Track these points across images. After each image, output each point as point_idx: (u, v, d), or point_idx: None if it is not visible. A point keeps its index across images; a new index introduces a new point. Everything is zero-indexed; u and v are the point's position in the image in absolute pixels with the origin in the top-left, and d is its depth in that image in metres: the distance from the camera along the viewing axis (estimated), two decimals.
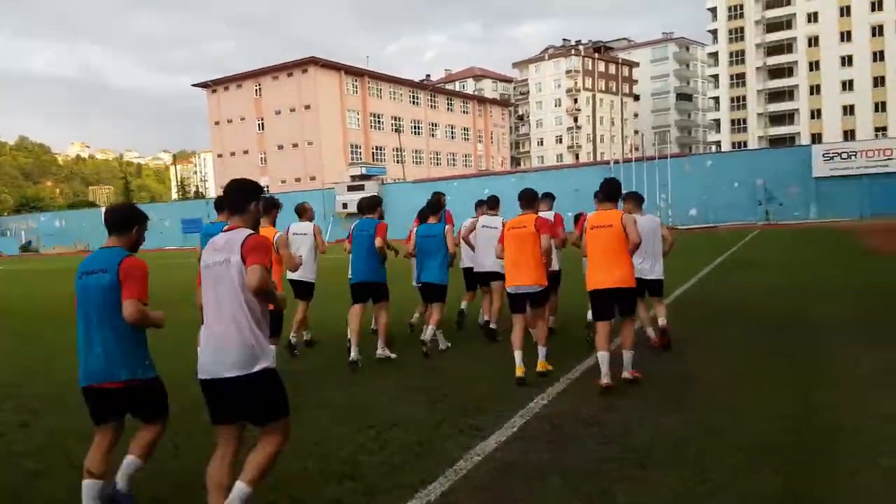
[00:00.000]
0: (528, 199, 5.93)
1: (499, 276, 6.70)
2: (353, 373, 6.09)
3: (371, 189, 47.08)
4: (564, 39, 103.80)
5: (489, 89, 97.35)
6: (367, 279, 6.50)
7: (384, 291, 6.56)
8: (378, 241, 6.36)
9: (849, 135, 66.09)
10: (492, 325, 7.30)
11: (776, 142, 72.71)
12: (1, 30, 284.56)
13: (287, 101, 61.65)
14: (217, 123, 67.58)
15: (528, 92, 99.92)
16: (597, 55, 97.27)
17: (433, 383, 5.57)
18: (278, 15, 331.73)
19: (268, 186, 63.35)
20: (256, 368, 2.87)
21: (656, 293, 6.55)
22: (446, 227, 7.01)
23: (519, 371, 5.46)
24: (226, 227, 3.09)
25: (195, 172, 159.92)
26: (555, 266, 6.83)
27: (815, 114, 72.45)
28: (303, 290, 7.13)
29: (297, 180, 61.04)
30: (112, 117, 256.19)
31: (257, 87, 64.38)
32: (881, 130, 65.81)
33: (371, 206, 6.77)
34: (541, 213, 6.21)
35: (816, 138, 66.94)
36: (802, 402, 4.59)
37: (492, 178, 46.25)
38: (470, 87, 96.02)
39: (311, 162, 60.64)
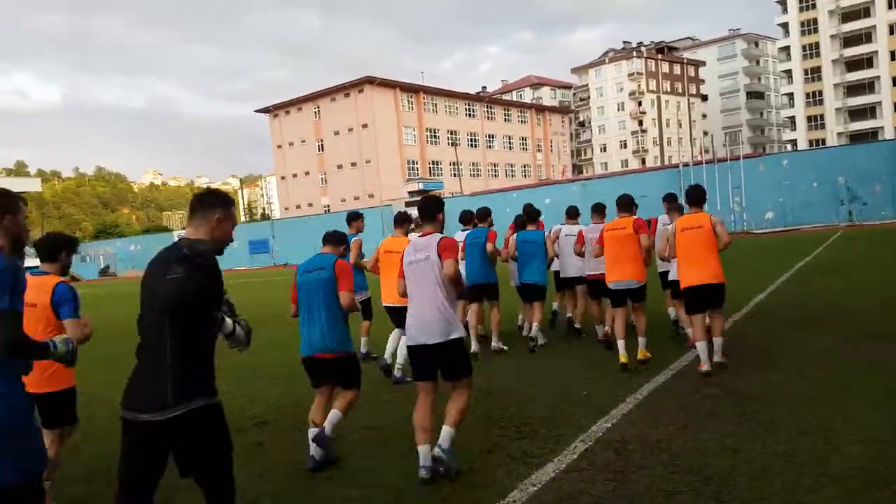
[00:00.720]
0: (626, 204, 6.57)
1: (582, 281, 7.60)
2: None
3: None
4: (625, 42, 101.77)
5: (547, 97, 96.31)
6: (482, 280, 7.23)
7: (496, 291, 7.40)
8: (490, 247, 7.12)
9: None
10: (576, 325, 8.00)
11: (857, 137, 68.51)
12: (76, 68, 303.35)
13: (345, 121, 62.80)
14: (279, 147, 69.56)
15: (589, 97, 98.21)
16: (660, 56, 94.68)
17: (488, 402, 5.23)
18: (329, 39, 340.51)
19: (328, 206, 64.73)
20: (451, 337, 3.81)
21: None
22: (544, 233, 7.77)
23: (623, 358, 6.03)
24: (421, 234, 4.08)
25: (262, 195, 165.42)
26: None
27: None
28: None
29: (356, 199, 61.94)
30: (182, 146, 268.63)
31: (316, 110, 65.90)
32: None
33: (483, 216, 7.73)
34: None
35: None
36: None
37: (552, 188, 45.49)
38: (528, 96, 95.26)
39: (370, 179, 61.44)
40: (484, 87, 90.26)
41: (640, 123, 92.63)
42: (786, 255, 18.11)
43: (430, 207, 4.08)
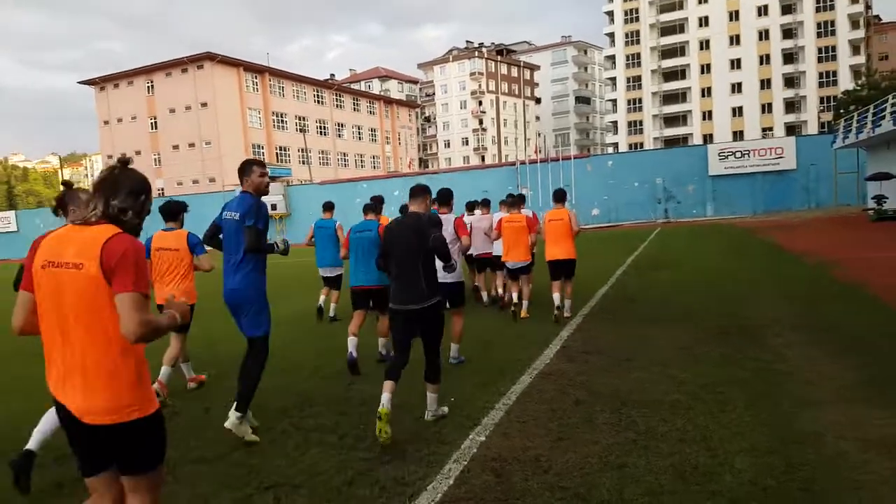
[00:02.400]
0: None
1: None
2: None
3: (276, 191, 44.95)
4: (468, 41, 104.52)
5: (395, 90, 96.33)
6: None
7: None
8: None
9: (738, 135, 70.31)
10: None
11: (670, 142, 76.27)
12: None
13: (182, 98, 57.98)
14: (106, 123, 62.68)
15: (434, 94, 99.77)
16: (499, 58, 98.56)
17: (346, 418, 4.63)
18: (169, 14, 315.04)
19: (162, 189, 59.51)
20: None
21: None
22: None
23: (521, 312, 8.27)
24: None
25: (86, 176, 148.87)
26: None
27: (707, 115, 76.54)
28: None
29: (195, 182, 57.62)
30: None
31: (149, 85, 60.19)
32: (768, 130, 70.45)
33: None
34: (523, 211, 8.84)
35: (708, 139, 70.81)
36: (787, 428, 3.94)
37: (401, 180, 45.37)
38: (376, 87, 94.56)
39: (210, 163, 57.34)
40: (332, 75, 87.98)
41: (481, 122, 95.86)
42: (616, 249, 19.34)
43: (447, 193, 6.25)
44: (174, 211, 5.74)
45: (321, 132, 68.80)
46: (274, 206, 44.54)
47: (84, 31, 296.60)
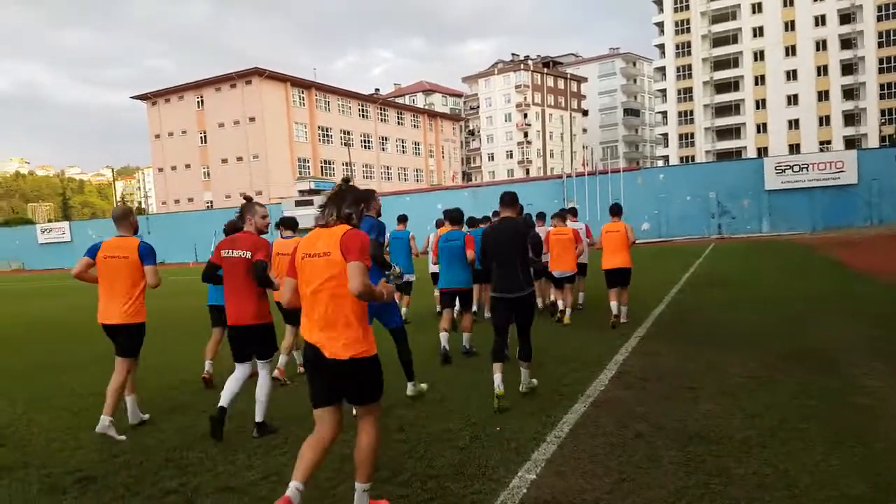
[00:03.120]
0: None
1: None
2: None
3: (321, 203, 45.38)
4: (513, 54, 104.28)
5: (439, 104, 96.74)
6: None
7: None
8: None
9: (794, 148, 67.87)
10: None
11: (723, 156, 74.11)
12: None
13: (231, 113, 59.47)
14: (157, 137, 64.80)
15: (479, 107, 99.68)
16: (545, 70, 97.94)
17: (387, 443, 4.30)
18: (219, 32, 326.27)
19: (211, 202, 60.93)
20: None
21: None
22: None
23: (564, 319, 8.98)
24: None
25: (138, 188, 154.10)
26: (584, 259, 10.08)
27: (761, 128, 74.17)
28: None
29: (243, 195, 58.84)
30: (53, 134, 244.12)
31: (199, 100, 61.94)
32: (825, 144, 67.78)
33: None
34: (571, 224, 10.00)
35: (763, 152, 68.59)
36: (882, 475, 3.41)
37: (445, 193, 45.27)
38: (420, 101, 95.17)
39: (257, 176, 58.49)
40: (377, 90, 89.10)
41: (526, 135, 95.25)
42: (670, 265, 18.62)
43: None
44: (292, 224, 7.46)
45: (365, 146, 69.49)
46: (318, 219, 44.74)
47: (136, 49, 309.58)
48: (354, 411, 3.27)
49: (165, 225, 52.22)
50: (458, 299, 7.33)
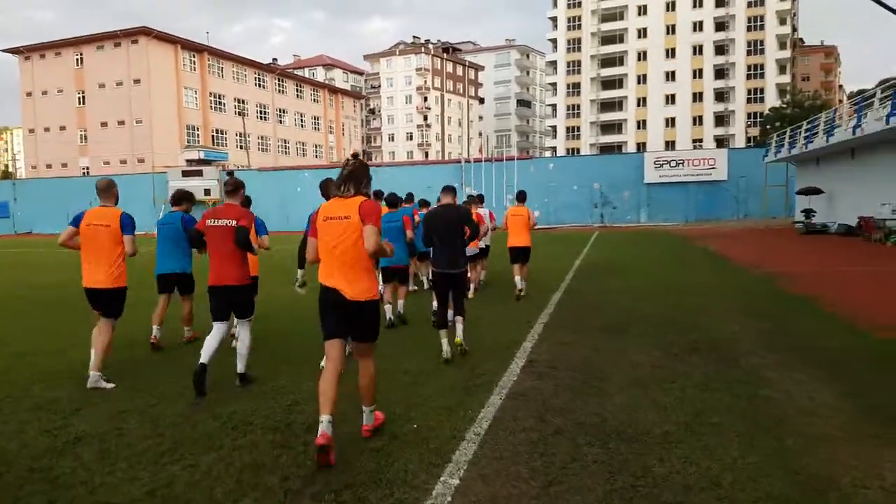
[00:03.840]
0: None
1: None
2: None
3: (210, 175, 42.87)
4: (415, 37, 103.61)
5: (340, 80, 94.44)
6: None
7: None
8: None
9: (669, 145, 72.52)
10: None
11: (605, 149, 77.87)
12: None
13: (113, 74, 54.85)
14: (29, 95, 58.66)
15: (380, 86, 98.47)
16: (445, 56, 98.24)
17: (291, 445, 3.92)
18: None
19: (87, 168, 56.09)
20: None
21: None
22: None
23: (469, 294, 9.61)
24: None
25: (6, 150, 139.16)
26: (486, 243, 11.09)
27: (641, 124, 78.60)
28: None
29: (123, 162, 54.64)
30: None
31: (78, 57, 56.56)
32: (698, 142, 72.93)
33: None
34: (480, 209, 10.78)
35: (641, 147, 72.73)
36: (800, 472, 3.47)
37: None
38: (320, 75, 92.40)
39: (140, 142, 54.42)
40: (275, 59, 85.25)
41: (426, 118, 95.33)
42: (560, 252, 19.20)
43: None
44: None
45: (261, 117, 66.57)
46: (208, 191, 42.49)
47: None
48: (349, 350, 4.24)
49: (36, 192, 47.40)
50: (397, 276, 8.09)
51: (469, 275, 9.36)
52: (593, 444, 3.88)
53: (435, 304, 6.93)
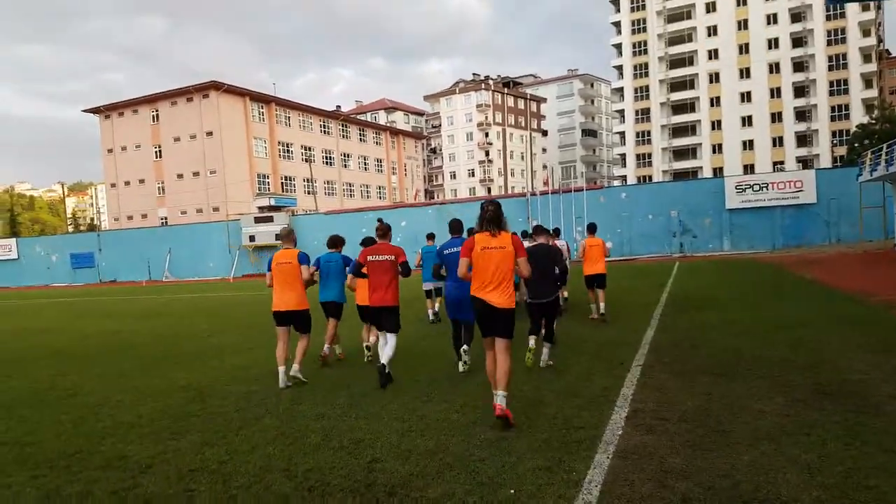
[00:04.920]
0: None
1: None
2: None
3: (280, 220, 44.03)
4: (474, 74, 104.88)
5: (401, 122, 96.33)
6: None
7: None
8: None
9: (748, 168, 69.54)
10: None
11: (679, 175, 75.46)
12: None
13: (187, 127, 57.67)
14: (110, 151, 62.41)
15: (440, 125, 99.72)
16: (506, 90, 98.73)
17: None
18: (174, 48, 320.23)
19: (166, 218, 58.80)
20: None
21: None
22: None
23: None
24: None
25: (91, 204, 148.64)
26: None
27: (717, 148, 75.84)
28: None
29: (199, 211, 56.95)
30: (3, 149, 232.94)
31: (154, 113, 59.96)
32: (779, 164, 69.61)
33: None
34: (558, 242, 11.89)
35: (718, 172, 70.04)
36: None
37: (409, 210, 44.52)
38: (382, 119, 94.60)
39: (214, 192, 56.69)
40: (338, 107, 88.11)
41: (487, 154, 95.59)
42: (643, 285, 18.17)
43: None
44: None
45: (327, 162, 68.37)
46: (278, 236, 43.42)
47: (90, 63, 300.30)
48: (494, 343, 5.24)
49: (118, 242, 49.88)
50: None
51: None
52: None
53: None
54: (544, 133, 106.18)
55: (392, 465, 4.23)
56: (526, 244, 10.32)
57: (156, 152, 60.20)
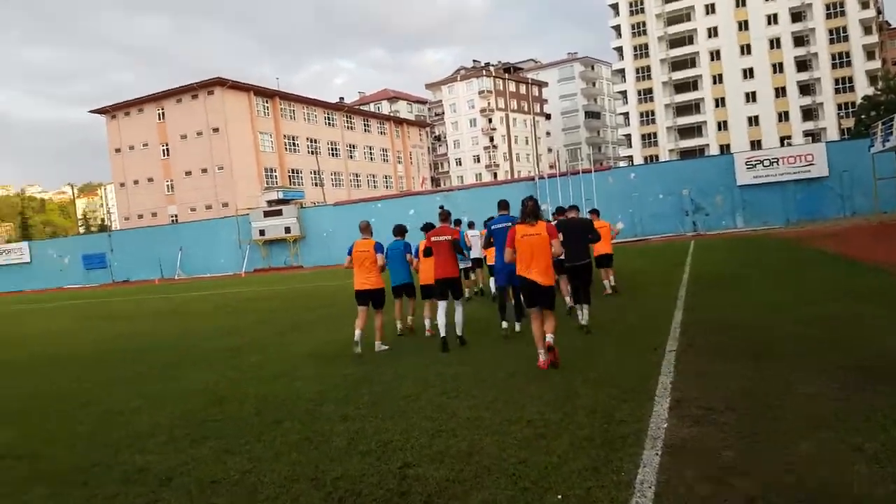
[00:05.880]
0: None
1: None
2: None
3: (289, 213, 43.85)
4: (475, 61, 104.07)
5: (404, 111, 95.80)
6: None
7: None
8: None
9: (755, 144, 68.70)
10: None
11: (686, 153, 74.71)
12: None
13: (193, 124, 57.49)
14: (118, 151, 62.41)
15: (444, 113, 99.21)
16: (507, 76, 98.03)
17: None
18: (178, 45, 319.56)
19: (176, 216, 58.77)
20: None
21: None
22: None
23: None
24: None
25: (101, 205, 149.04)
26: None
27: (722, 125, 75.01)
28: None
29: (209, 207, 56.84)
30: (12, 152, 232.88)
31: (160, 112, 59.79)
32: (786, 139, 68.74)
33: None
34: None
35: (725, 149, 69.23)
36: None
37: (416, 198, 44.17)
38: (385, 109, 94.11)
39: (223, 187, 56.56)
40: (342, 98, 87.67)
41: (492, 139, 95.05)
42: (662, 264, 17.87)
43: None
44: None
45: (333, 154, 68.11)
46: (287, 229, 43.38)
47: (95, 64, 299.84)
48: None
49: (129, 242, 49.84)
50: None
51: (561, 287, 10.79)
52: None
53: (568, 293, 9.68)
54: (547, 117, 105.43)
55: (426, 471, 3.99)
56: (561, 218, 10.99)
57: (163, 150, 60.08)
